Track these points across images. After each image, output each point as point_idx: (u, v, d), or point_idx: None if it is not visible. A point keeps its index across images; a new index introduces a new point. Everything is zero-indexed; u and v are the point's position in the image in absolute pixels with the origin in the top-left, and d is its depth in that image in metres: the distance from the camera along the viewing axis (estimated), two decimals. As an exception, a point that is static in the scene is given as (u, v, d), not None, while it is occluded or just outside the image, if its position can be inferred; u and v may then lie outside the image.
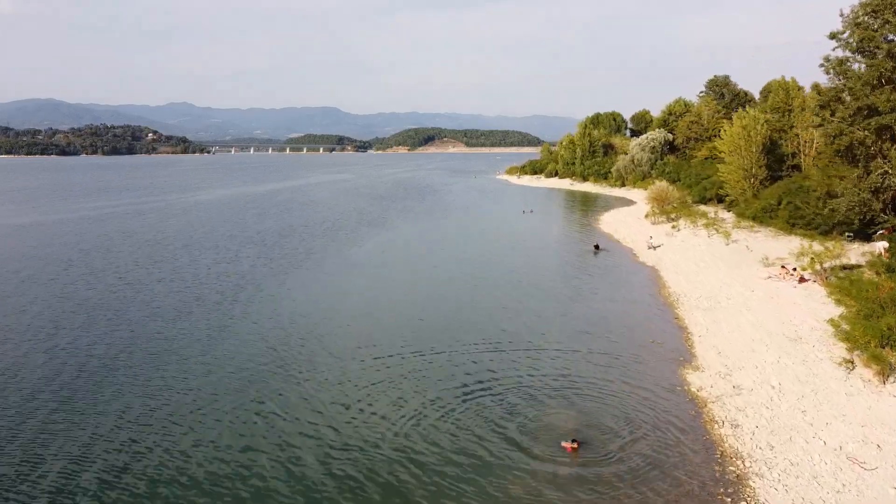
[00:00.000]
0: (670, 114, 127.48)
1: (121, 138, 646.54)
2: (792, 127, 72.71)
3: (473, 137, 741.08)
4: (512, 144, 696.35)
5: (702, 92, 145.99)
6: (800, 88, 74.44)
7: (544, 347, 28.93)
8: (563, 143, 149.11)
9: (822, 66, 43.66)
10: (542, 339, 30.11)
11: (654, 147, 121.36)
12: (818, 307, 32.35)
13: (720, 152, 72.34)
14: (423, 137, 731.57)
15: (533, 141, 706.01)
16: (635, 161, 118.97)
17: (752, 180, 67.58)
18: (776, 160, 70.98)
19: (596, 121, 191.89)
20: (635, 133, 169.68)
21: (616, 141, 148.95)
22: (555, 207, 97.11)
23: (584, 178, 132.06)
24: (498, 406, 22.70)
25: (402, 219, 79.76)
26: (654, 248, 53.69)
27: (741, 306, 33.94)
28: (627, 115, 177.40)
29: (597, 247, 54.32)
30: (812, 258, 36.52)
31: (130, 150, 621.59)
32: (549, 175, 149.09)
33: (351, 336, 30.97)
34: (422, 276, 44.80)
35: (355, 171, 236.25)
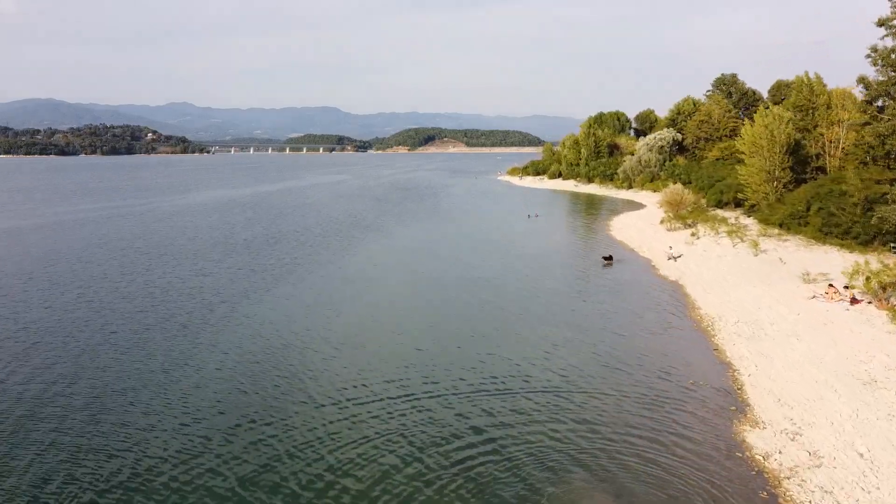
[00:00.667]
0: (678, 113, 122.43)
1: (120, 138, 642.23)
2: (816, 126, 67.73)
3: (474, 137, 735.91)
4: (512, 144, 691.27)
5: (709, 91, 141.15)
6: (824, 85, 69.56)
7: (564, 390, 23.93)
8: (567, 144, 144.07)
9: (868, 56, 38.71)
10: (560, 378, 25.09)
11: (662, 147, 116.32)
12: (883, 337, 27.35)
13: (740, 153, 67.28)
14: (424, 137, 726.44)
15: (533, 141, 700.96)
16: (643, 162, 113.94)
17: (774, 183, 62.57)
18: (799, 162, 65.88)
19: (599, 120, 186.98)
20: (639, 133, 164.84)
21: (621, 141, 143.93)
22: (560, 211, 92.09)
23: (589, 180, 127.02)
24: (508, 478, 17.69)
25: (399, 224, 74.74)
26: (675, 258, 48.67)
27: (789, 334, 28.94)
28: (630, 115, 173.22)
29: (609, 258, 49.26)
30: (868, 277, 31.53)
31: (130, 150, 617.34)
32: (553, 176, 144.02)
33: (333, 375, 25.98)
34: (418, 295, 39.78)
35: (354, 171, 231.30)
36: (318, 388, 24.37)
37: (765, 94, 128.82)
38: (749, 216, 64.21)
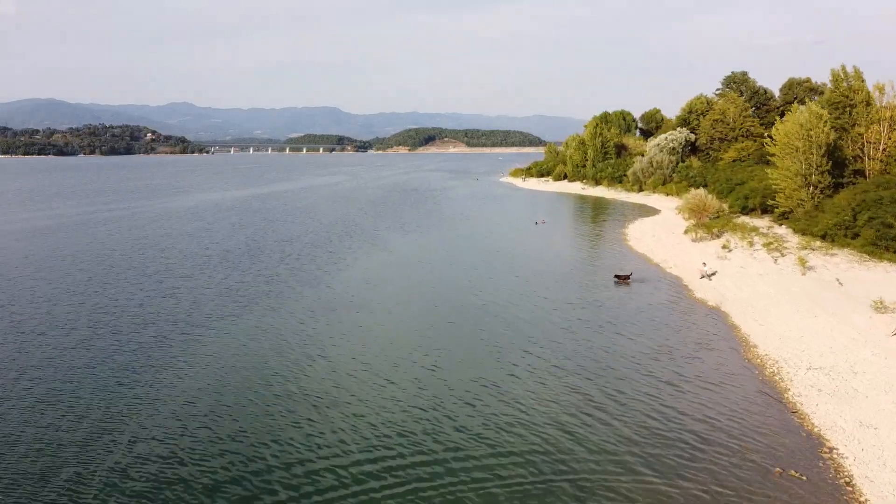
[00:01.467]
0: (690, 111, 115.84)
1: (119, 138, 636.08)
2: (854, 125, 61.22)
3: (474, 137, 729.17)
4: (513, 144, 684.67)
5: (718, 89, 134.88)
6: (862, 80, 63.07)
7: (602, 483, 17.39)
8: (573, 145, 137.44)
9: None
10: (593, 467, 18.49)
11: (674, 148, 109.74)
12: None
13: (770, 155, 60.71)
14: (424, 137, 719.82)
15: (534, 141, 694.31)
16: (654, 163, 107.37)
17: (810, 189, 56.02)
18: (835, 164, 59.31)
19: (605, 120, 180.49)
20: (645, 133, 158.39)
21: (629, 141, 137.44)
22: (568, 216, 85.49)
23: (597, 182, 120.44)
24: None
25: (394, 233, 68.20)
26: (709, 277, 42.13)
27: (885, 388, 22.42)
28: (635, 115, 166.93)
29: (625, 277, 42.65)
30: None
31: (129, 151, 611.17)
32: (558, 178, 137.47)
33: (306, 443, 19.45)
34: (413, 328, 33.24)
35: (351, 172, 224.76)
36: (287, 460, 17.83)
37: (776, 93, 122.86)
38: (781, 224, 57.66)
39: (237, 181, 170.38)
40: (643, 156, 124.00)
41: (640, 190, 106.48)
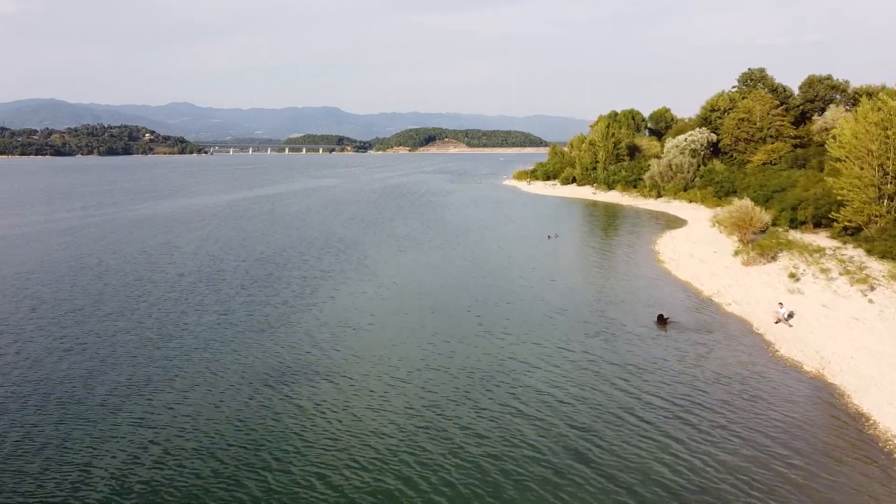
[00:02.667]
0: (712, 110, 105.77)
1: (117, 138, 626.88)
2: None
3: (475, 138, 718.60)
4: (514, 145, 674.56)
5: (734, 87, 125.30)
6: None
7: None
8: (582, 146, 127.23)
9: None
10: None
11: (695, 150, 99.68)
12: None
13: (835, 160, 50.60)
14: (424, 138, 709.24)
15: (535, 141, 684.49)
16: (674, 166, 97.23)
17: (886, 201, 46.00)
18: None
19: (613, 120, 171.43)
20: (654, 133, 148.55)
21: (642, 142, 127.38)
22: (584, 228, 75.28)
23: (609, 186, 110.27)
24: None
25: (387, 251, 58.16)
26: (787, 321, 32.08)
27: None
28: (643, 114, 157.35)
29: (663, 319, 32.97)
30: None
31: (127, 151, 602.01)
32: (566, 181, 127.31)
33: None
34: (400, 393, 23.29)
35: (347, 174, 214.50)
36: None
37: (795, 91, 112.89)
38: (847, 243, 47.56)
39: (227, 184, 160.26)
40: (659, 158, 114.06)
41: (659, 196, 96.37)
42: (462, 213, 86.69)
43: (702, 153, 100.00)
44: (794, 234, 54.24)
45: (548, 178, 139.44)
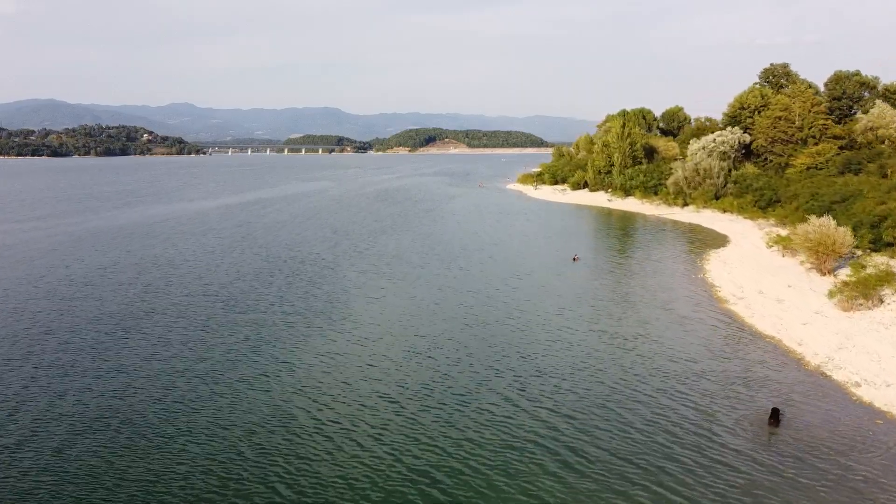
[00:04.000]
0: (742, 107, 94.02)
1: (115, 139, 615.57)
2: None
3: (475, 138, 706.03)
4: (515, 145, 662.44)
5: (756, 83, 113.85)
6: None
7: None
8: (594, 148, 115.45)
9: None
10: None
11: (725, 152, 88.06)
12: None
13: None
14: (424, 138, 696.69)
15: (536, 142, 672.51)
16: (701, 171, 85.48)
17: None
18: None
19: (623, 118, 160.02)
20: (666, 133, 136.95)
21: (659, 143, 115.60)
22: (609, 245, 63.33)
23: (627, 193, 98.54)
24: None
25: (369, 282, 46.57)
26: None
27: None
28: (655, 113, 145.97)
29: (775, 421, 21.39)
30: None
31: (124, 152, 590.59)
32: (577, 186, 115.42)
33: None
34: None
35: (343, 176, 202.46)
36: None
37: (821, 88, 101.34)
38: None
39: (213, 188, 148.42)
40: (678, 160, 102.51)
41: (685, 204, 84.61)
42: (464, 226, 74.92)
43: (732, 156, 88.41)
44: (880, 259, 42.63)
45: (556, 183, 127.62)
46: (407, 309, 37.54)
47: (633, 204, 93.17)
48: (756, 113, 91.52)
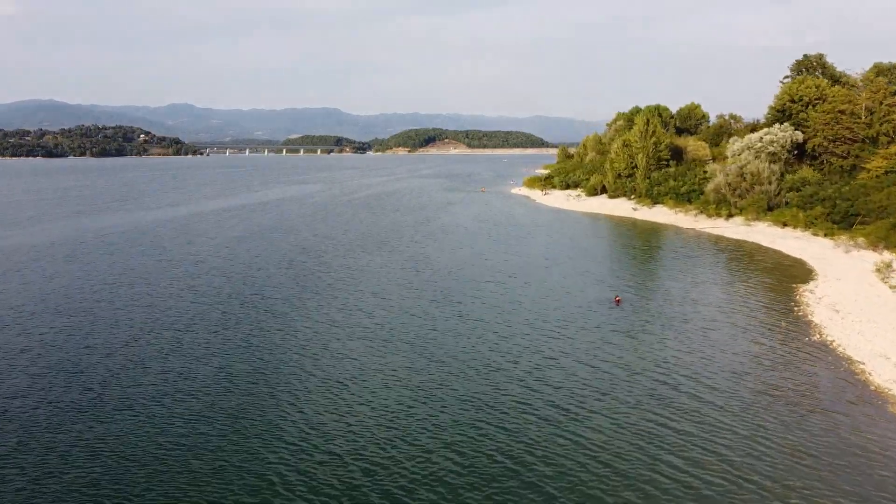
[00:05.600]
0: (793, 100, 78.95)
1: (111, 139, 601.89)
2: None
3: (475, 138, 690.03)
4: (515, 145, 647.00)
5: (787, 76, 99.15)
6: None
7: None
8: (613, 148, 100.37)
9: None
10: None
11: (775, 153, 73.15)
12: None
13: None
14: (424, 138, 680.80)
15: (537, 142, 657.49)
16: (748, 175, 70.52)
17: None
18: None
19: (635, 118, 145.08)
20: (681, 132, 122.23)
21: (688, 143, 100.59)
22: (654, 275, 47.93)
23: (654, 200, 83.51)
24: None
25: (330, 343, 31.86)
26: None
27: None
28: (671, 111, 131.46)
29: None
30: None
31: (121, 152, 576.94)
32: (593, 192, 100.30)
33: None
34: None
35: (336, 178, 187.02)
36: None
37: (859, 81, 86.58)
38: None
39: (192, 191, 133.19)
40: (710, 161, 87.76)
41: (729, 215, 69.62)
42: (464, 245, 59.86)
43: (783, 157, 73.48)
44: None
45: (567, 187, 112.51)
46: (384, 405, 22.70)
47: (663, 214, 78.14)
48: (809, 107, 76.54)
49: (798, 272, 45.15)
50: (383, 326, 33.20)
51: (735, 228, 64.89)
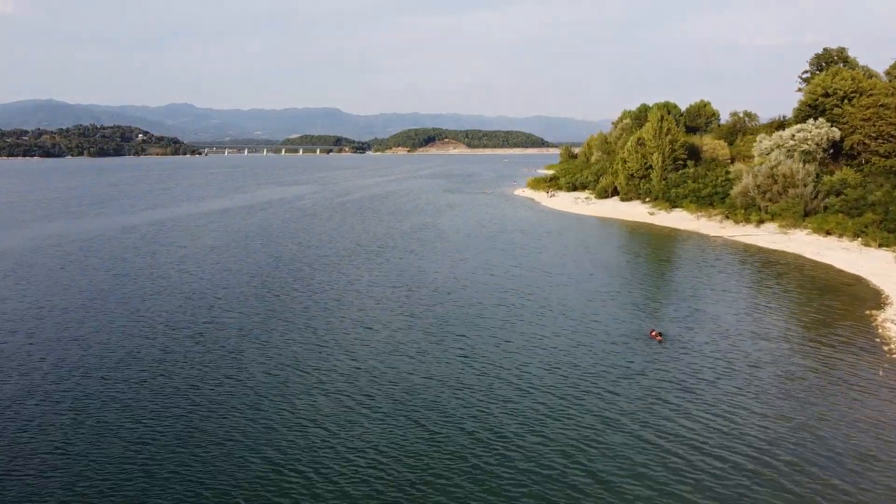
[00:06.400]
0: (827, 94, 71.42)
1: (109, 139, 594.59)
2: None
3: (475, 138, 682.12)
4: (515, 145, 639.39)
5: (805, 71, 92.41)
6: None
7: None
8: (626, 147, 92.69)
9: None
10: None
11: (810, 151, 65.70)
12: None
13: None
14: (424, 138, 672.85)
15: (537, 142, 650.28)
16: (780, 177, 63.00)
17: None
18: None
19: (643, 115, 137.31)
20: (691, 130, 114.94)
21: (704, 142, 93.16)
22: (691, 296, 39.92)
23: (672, 203, 75.98)
24: None
25: (286, 399, 24.05)
26: None
27: None
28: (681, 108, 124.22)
29: None
30: None
31: (118, 152, 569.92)
32: (603, 194, 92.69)
33: None
34: None
35: (330, 178, 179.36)
36: None
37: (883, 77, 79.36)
38: None
39: (179, 193, 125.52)
40: (727, 160, 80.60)
41: (760, 221, 62.09)
42: (467, 257, 52.26)
43: (818, 157, 65.99)
44: None
45: (574, 188, 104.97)
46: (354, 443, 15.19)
47: (683, 219, 70.58)
48: (845, 101, 69.02)
49: (863, 293, 37.62)
50: (365, 373, 25.66)
51: (769, 237, 57.31)
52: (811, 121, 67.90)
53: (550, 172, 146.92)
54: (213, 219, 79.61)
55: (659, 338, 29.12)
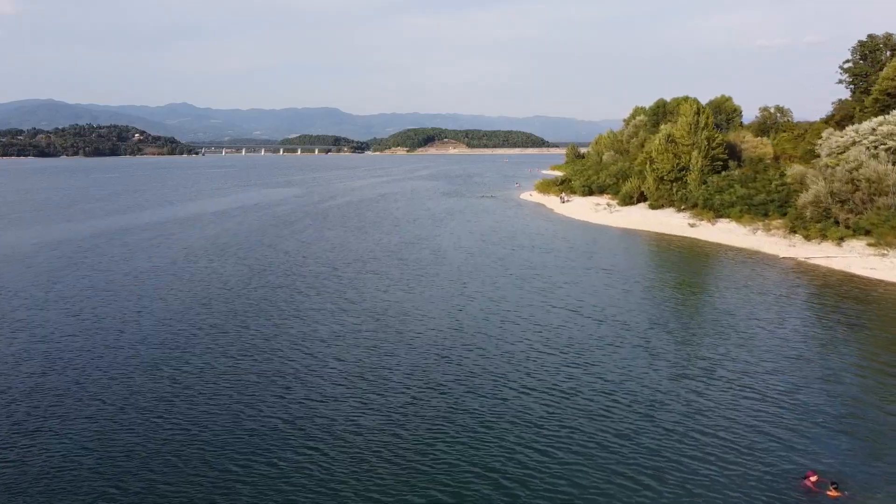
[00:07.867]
0: (910, 80, 57.89)
1: (105, 139, 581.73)
2: None
3: (475, 138, 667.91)
4: (516, 145, 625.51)
5: (847, 62, 79.92)
6: None
7: None
8: (654, 145, 78.88)
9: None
10: None
11: (893, 149, 52.26)
12: None
13: None
14: (423, 138, 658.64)
15: (537, 142, 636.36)
16: (862, 182, 49.55)
17: None
18: None
19: (660, 111, 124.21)
20: (715, 128, 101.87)
21: (745, 138, 79.73)
22: (800, 360, 26.74)
23: (717, 213, 62.41)
24: None
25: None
26: None
27: None
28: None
29: None
30: None
31: (114, 151, 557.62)
32: (628, 200, 78.94)
33: None
34: None
35: (322, 179, 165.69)
36: None
37: None
38: None
39: (157, 194, 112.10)
40: (776, 160, 67.37)
41: (841, 238, 48.59)
42: (472, 287, 38.66)
43: (907, 157, 52.48)
44: None
45: (591, 193, 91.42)
46: None
47: (734, 232, 57.02)
48: (934, 88, 55.61)
49: None
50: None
51: (861, 260, 43.88)
52: (895, 112, 54.46)
53: (558, 174, 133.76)
54: (184, 225, 66.52)
55: (834, 492, 15.68)
